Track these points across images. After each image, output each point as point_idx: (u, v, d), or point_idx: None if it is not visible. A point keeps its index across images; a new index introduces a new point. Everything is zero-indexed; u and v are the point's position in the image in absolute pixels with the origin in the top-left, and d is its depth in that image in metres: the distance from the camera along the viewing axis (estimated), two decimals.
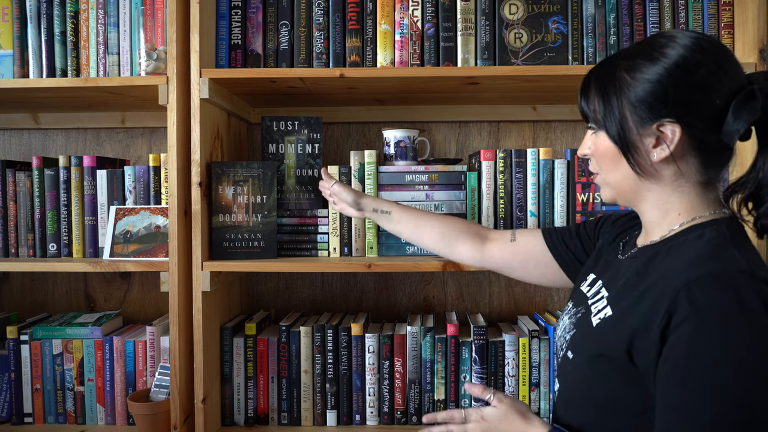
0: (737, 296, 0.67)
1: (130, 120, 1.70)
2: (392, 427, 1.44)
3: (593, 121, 0.85)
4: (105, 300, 1.75)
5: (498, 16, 1.36)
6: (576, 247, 1.08)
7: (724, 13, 1.35)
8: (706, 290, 0.68)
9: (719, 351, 0.66)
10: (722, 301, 0.67)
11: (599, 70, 0.84)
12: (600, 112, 0.82)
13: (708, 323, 0.67)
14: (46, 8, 1.40)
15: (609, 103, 0.81)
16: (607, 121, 0.81)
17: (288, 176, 1.47)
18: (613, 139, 0.81)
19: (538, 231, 1.14)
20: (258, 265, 1.35)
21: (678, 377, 0.69)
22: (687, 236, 0.78)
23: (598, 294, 0.88)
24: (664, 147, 0.78)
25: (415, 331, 1.44)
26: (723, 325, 0.66)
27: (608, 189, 0.88)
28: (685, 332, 0.68)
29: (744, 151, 1.32)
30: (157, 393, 1.42)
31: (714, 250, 0.73)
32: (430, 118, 1.68)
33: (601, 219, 1.09)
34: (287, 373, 1.45)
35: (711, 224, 0.78)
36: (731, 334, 0.66)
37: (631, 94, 0.78)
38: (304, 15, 1.38)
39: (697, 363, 0.67)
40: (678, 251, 0.77)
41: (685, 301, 0.68)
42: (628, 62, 0.80)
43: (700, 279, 0.69)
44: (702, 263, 0.71)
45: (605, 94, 0.81)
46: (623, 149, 0.81)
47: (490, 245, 1.16)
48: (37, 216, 1.46)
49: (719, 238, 0.75)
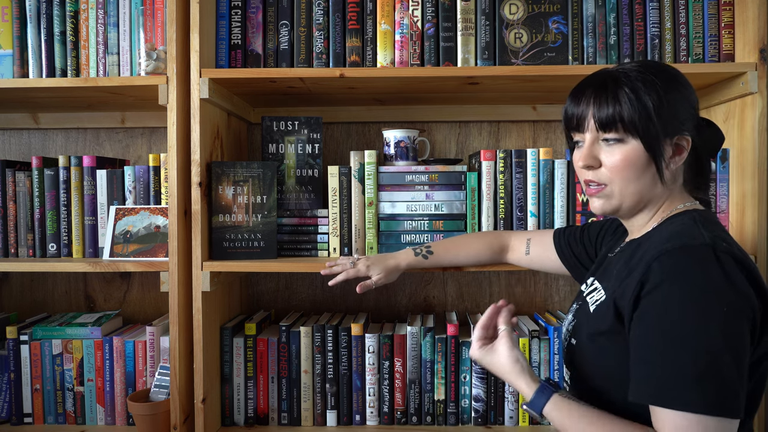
0: (701, 265, 0.77)
1: (130, 120, 1.70)
2: (392, 427, 1.44)
3: (623, 129, 0.87)
4: (105, 300, 1.75)
5: (498, 16, 1.36)
6: (580, 252, 1.17)
7: (724, 13, 1.35)
8: (673, 259, 0.79)
9: (685, 308, 0.76)
10: (687, 268, 0.78)
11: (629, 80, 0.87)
12: (639, 120, 0.86)
13: (675, 286, 0.77)
14: (45, 8, 1.40)
15: (649, 112, 0.86)
16: (646, 130, 0.86)
17: (288, 176, 1.47)
18: (650, 147, 0.87)
19: (549, 237, 1.24)
20: (258, 265, 1.35)
21: (650, 333, 0.79)
22: (662, 225, 0.90)
23: (592, 286, 0.98)
24: (681, 156, 0.90)
25: (415, 331, 1.44)
26: (688, 289, 0.77)
27: (614, 200, 0.92)
28: (657, 295, 0.79)
29: (744, 151, 1.32)
30: (157, 393, 1.42)
31: (683, 229, 0.84)
32: (430, 118, 1.68)
33: (604, 226, 1.14)
34: (287, 373, 1.45)
35: (683, 213, 0.90)
36: (695, 295, 0.76)
37: (674, 107, 0.88)
38: (304, 15, 1.38)
39: (665, 319, 0.77)
40: (656, 237, 0.87)
41: (658, 269, 0.79)
42: (653, 77, 0.87)
43: (670, 251, 0.80)
44: (672, 239, 0.82)
45: (643, 103, 0.86)
46: (655, 158, 0.88)
47: (509, 257, 1.30)
48: (36, 216, 1.46)
49: (690, 221, 0.86)
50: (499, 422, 1.44)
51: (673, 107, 0.87)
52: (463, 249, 1.29)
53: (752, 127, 1.29)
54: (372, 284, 1.24)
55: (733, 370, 0.74)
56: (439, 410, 1.44)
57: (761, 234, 1.28)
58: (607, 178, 0.90)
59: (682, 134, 0.89)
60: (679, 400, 0.74)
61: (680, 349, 0.75)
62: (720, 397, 0.73)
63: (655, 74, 0.88)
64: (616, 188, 0.90)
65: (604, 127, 0.88)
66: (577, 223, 1.37)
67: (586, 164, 0.91)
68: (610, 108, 0.87)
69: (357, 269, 1.24)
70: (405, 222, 1.41)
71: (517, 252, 1.29)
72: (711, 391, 0.73)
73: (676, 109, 0.88)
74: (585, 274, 1.10)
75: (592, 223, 1.19)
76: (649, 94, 0.86)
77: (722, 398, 0.73)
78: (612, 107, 0.87)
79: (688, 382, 0.74)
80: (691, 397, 0.73)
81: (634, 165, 0.88)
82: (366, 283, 1.24)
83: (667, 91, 0.87)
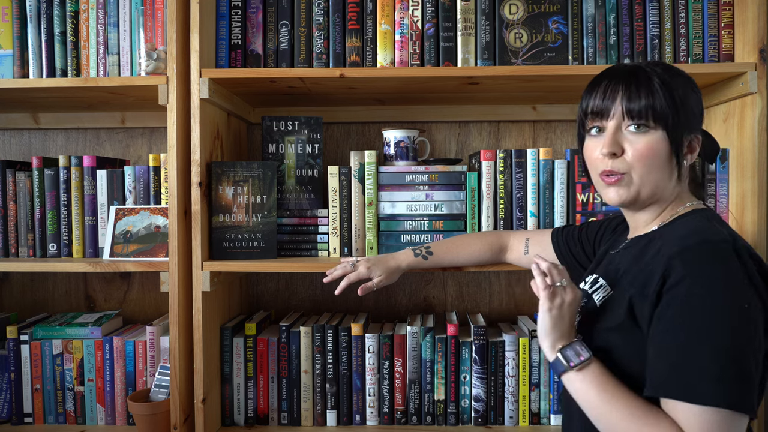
0: (722, 261, 0.79)
1: (130, 120, 1.70)
2: (392, 427, 1.44)
3: (653, 119, 0.88)
4: (105, 300, 1.75)
5: (498, 16, 1.36)
6: (577, 251, 1.18)
7: (724, 13, 1.35)
8: (696, 255, 0.80)
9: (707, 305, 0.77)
10: (709, 264, 0.79)
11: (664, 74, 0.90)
12: (669, 113, 0.88)
13: (697, 283, 0.78)
14: (46, 8, 1.40)
15: (677, 108, 0.89)
16: (676, 122, 0.89)
17: (288, 176, 1.47)
18: (674, 140, 0.89)
19: (547, 236, 1.25)
20: (258, 265, 1.35)
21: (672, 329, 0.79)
22: (675, 223, 0.91)
23: (596, 283, 0.97)
24: (693, 155, 0.94)
25: (415, 331, 1.44)
26: (710, 284, 0.78)
27: (633, 188, 0.91)
28: (680, 291, 0.79)
29: (744, 151, 1.32)
30: (157, 393, 1.42)
31: (701, 227, 0.85)
32: (430, 118, 1.68)
33: (603, 226, 1.15)
34: (287, 373, 1.45)
35: (694, 212, 0.92)
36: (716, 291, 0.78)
37: (691, 106, 0.91)
38: (304, 15, 1.38)
39: (687, 315, 0.78)
40: (670, 234, 0.88)
41: (680, 265, 0.80)
42: (678, 77, 0.91)
43: (693, 246, 0.81)
44: (693, 235, 0.83)
45: (674, 97, 0.89)
46: (677, 152, 0.90)
47: (508, 257, 1.31)
48: (37, 216, 1.46)
49: (704, 220, 0.88)
50: (499, 422, 1.44)
51: (690, 106, 0.91)
52: (463, 249, 1.29)
53: (752, 127, 1.29)
54: (374, 286, 1.23)
55: (751, 366, 0.76)
56: (439, 410, 1.44)
57: (761, 234, 1.28)
58: (627, 166, 0.90)
59: (696, 134, 0.93)
60: (703, 395, 0.75)
61: (702, 344, 0.76)
62: (740, 393, 0.74)
63: (677, 73, 0.92)
64: (636, 176, 0.90)
65: (633, 116, 0.89)
66: (577, 223, 1.37)
67: (611, 151, 0.90)
68: (642, 97, 0.88)
69: (358, 272, 1.23)
70: (405, 222, 1.41)
71: (516, 252, 1.29)
72: (733, 387, 0.74)
73: (692, 108, 0.91)
74: (582, 273, 1.10)
75: (590, 223, 1.19)
76: (677, 89, 0.89)
77: (742, 394, 0.74)
78: (645, 97, 0.88)
79: (710, 377, 0.75)
80: (715, 392, 0.74)
81: (658, 155, 0.89)
82: (368, 285, 1.23)
83: (686, 90, 0.91)
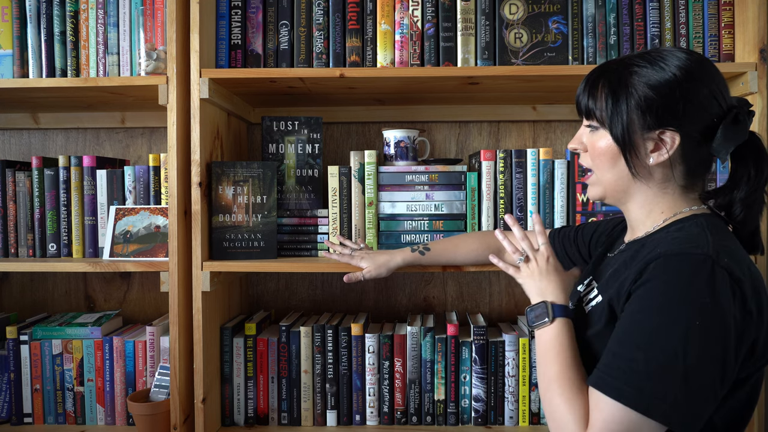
0: (691, 275, 0.75)
1: (129, 120, 1.70)
2: (392, 427, 1.44)
3: (596, 119, 0.89)
4: (105, 300, 1.75)
5: (498, 16, 1.36)
6: (573, 253, 1.18)
7: (724, 13, 1.35)
8: (669, 262, 0.77)
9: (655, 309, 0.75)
10: (676, 274, 0.76)
11: (610, 72, 0.87)
12: (607, 112, 0.86)
13: (657, 288, 0.76)
14: (45, 8, 1.40)
15: (618, 105, 0.85)
16: (613, 122, 0.86)
17: (288, 176, 1.47)
18: (617, 139, 0.86)
19: None
20: (258, 265, 1.35)
21: (621, 325, 0.79)
22: (669, 228, 0.86)
23: (589, 287, 0.97)
24: (662, 152, 0.85)
25: (415, 331, 1.44)
26: (667, 291, 0.75)
27: (599, 187, 0.93)
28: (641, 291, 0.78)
29: None
30: (157, 393, 1.42)
31: (688, 236, 0.81)
32: (430, 118, 1.68)
33: (599, 228, 1.14)
34: (287, 373, 1.45)
35: (692, 218, 0.86)
36: (671, 300, 0.75)
37: (641, 100, 0.84)
38: (304, 15, 1.38)
39: (636, 315, 0.77)
40: (661, 240, 0.84)
41: (652, 269, 0.78)
42: (641, 69, 0.85)
43: (668, 254, 0.78)
44: (676, 244, 0.79)
45: (616, 96, 0.85)
46: (624, 150, 0.86)
47: (506, 256, 1.26)
48: (36, 216, 1.46)
49: (698, 227, 0.82)
50: (499, 422, 1.44)
51: (660, 101, 0.83)
52: (461, 248, 1.29)
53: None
54: (360, 276, 1.26)
55: (678, 379, 0.72)
56: (439, 410, 1.44)
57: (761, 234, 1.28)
58: (590, 164, 0.93)
59: (666, 129, 0.83)
60: (615, 388, 0.74)
61: (636, 344, 0.75)
62: (655, 398, 0.72)
63: (640, 60, 0.85)
64: (597, 175, 0.92)
65: (584, 115, 0.91)
66: (577, 223, 1.37)
67: (572, 146, 0.95)
68: (586, 97, 0.89)
69: (350, 257, 1.29)
70: (405, 222, 1.41)
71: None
72: (646, 389, 0.72)
73: (666, 103, 0.83)
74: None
75: (587, 224, 1.19)
76: (628, 87, 0.84)
77: (656, 400, 0.71)
78: (587, 97, 0.89)
79: (629, 374, 0.74)
80: (627, 388, 0.73)
81: (605, 154, 0.88)
82: (354, 274, 1.27)
83: (661, 83, 0.83)
